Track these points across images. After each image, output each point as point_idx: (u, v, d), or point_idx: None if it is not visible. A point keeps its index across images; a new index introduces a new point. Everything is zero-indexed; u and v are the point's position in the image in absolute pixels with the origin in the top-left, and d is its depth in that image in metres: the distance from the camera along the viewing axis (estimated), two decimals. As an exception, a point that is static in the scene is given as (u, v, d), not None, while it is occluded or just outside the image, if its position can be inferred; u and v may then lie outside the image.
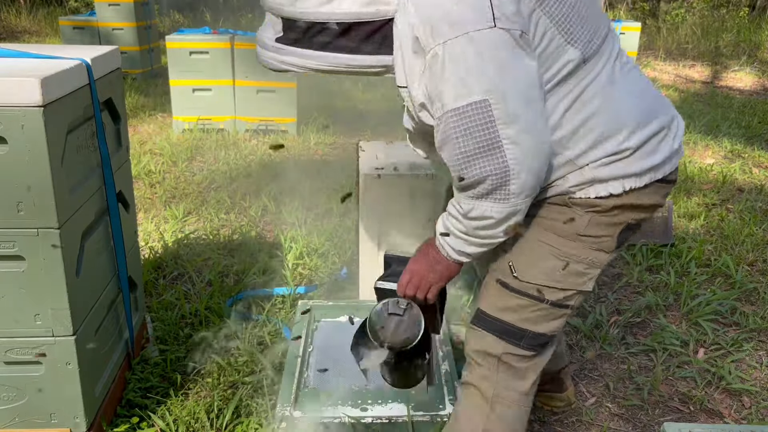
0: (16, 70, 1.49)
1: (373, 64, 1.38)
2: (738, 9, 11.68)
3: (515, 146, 1.25)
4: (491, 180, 1.27)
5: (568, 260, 1.43)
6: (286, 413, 1.74)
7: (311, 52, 1.38)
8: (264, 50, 1.43)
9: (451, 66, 1.24)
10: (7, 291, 1.55)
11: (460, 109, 1.25)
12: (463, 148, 1.27)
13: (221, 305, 2.52)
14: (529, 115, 1.26)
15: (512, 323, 1.48)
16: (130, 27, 7.03)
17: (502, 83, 1.23)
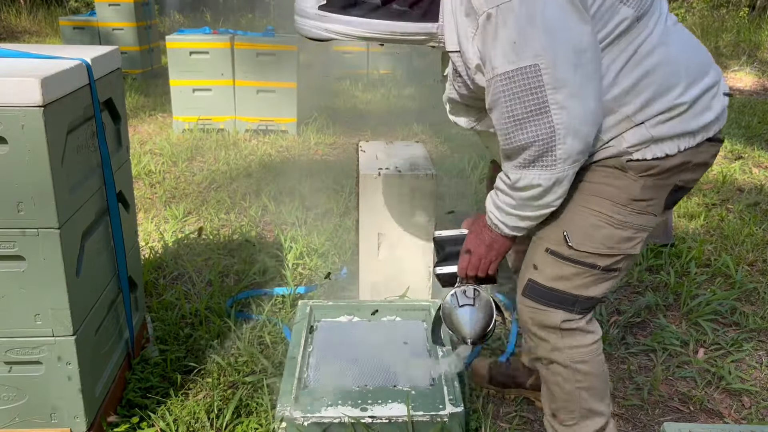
0: (16, 70, 1.49)
1: (418, 31, 1.38)
2: (738, 9, 11.68)
3: (563, 111, 1.26)
4: (537, 145, 1.29)
5: (620, 226, 1.45)
6: (286, 413, 1.74)
7: (357, 19, 1.37)
8: (305, 19, 1.41)
9: (503, 29, 1.25)
10: (7, 291, 1.55)
11: (510, 73, 1.26)
12: (511, 112, 1.29)
13: (221, 305, 2.52)
14: (578, 79, 1.27)
15: (565, 290, 1.50)
16: (130, 27, 7.04)
17: (553, 48, 1.24)
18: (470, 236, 1.58)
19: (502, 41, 1.26)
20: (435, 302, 2.32)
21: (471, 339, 1.60)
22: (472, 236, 1.57)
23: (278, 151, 4.82)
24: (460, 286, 1.63)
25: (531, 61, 1.24)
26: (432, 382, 1.93)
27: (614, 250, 1.48)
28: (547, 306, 1.52)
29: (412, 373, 1.97)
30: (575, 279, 1.49)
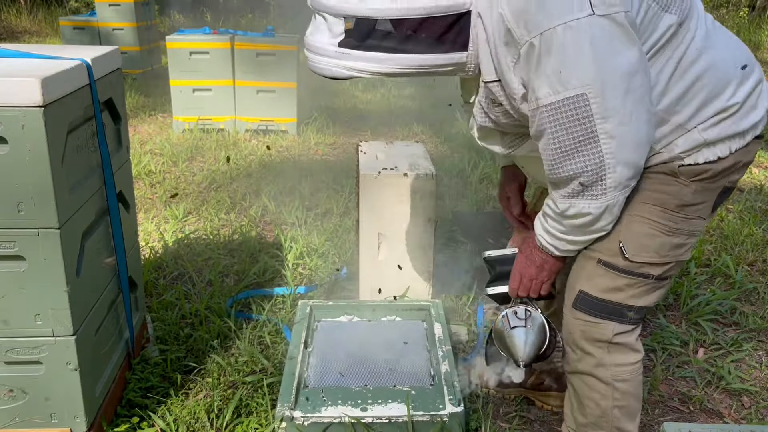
0: (16, 70, 1.49)
1: (446, 62, 1.32)
2: (738, 9, 11.68)
3: (612, 140, 1.23)
4: (586, 176, 1.26)
5: (672, 234, 1.42)
6: (286, 413, 1.74)
7: (382, 55, 1.28)
8: (323, 57, 1.32)
9: (547, 58, 1.20)
10: (7, 291, 1.55)
11: (557, 103, 1.22)
12: (559, 142, 1.26)
13: (221, 305, 2.52)
14: (628, 106, 1.22)
15: (619, 302, 1.46)
16: (131, 27, 7.03)
17: (600, 75, 1.19)
18: (520, 257, 1.55)
19: (547, 71, 1.21)
20: (435, 302, 2.33)
21: (523, 361, 1.57)
22: (522, 257, 1.54)
23: (278, 151, 4.82)
24: (511, 307, 1.61)
25: (578, 90, 1.20)
26: (432, 382, 1.94)
27: (667, 258, 1.44)
28: (600, 318, 1.48)
29: (412, 373, 1.97)
30: (628, 290, 1.45)
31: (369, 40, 1.28)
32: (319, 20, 1.32)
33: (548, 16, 1.19)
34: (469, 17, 1.28)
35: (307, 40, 1.36)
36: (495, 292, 1.66)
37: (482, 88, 1.40)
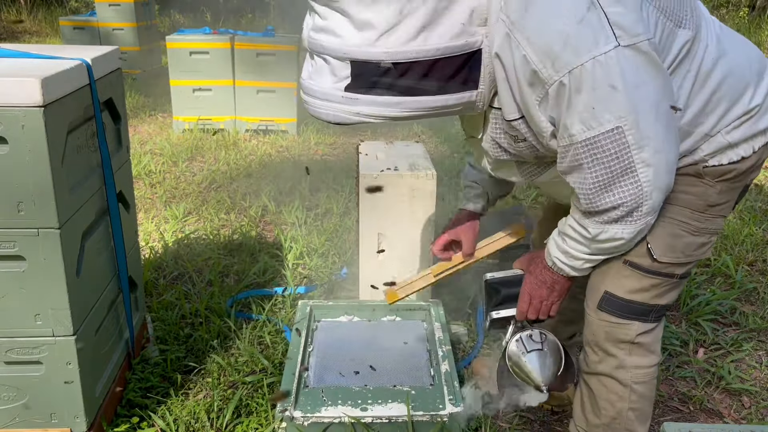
0: (16, 70, 1.49)
1: (457, 102, 1.28)
2: (738, 9, 11.67)
3: (649, 168, 1.22)
4: (625, 206, 1.26)
5: (697, 233, 1.42)
6: (286, 413, 1.74)
7: (392, 99, 1.22)
8: (326, 102, 1.26)
9: (578, 95, 1.18)
10: (7, 291, 1.55)
11: (592, 139, 1.20)
12: (596, 177, 1.25)
13: (221, 305, 2.52)
14: (660, 131, 1.22)
15: (643, 302, 1.46)
16: (131, 27, 7.03)
17: (633, 106, 1.18)
18: (528, 279, 1.53)
19: (579, 108, 1.19)
20: (435, 302, 2.33)
21: (546, 386, 1.55)
22: (531, 279, 1.52)
23: (278, 151, 4.82)
24: (521, 330, 1.59)
25: (613, 124, 1.18)
26: (432, 382, 1.94)
27: (691, 258, 1.45)
28: (625, 319, 1.48)
29: (412, 373, 1.97)
30: (653, 290, 1.45)
31: (378, 83, 1.21)
32: (319, 62, 1.25)
33: (575, 53, 1.16)
34: (480, 55, 1.25)
35: (306, 83, 1.28)
36: (502, 316, 1.62)
37: (499, 125, 1.38)
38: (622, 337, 1.49)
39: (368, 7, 1.16)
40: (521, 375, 1.59)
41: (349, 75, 1.21)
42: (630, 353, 1.50)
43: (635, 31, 1.18)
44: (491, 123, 1.40)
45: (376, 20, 1.16)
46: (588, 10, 1.17)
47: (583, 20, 1.16)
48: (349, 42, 1.19)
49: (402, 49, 1.18)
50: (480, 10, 1.22)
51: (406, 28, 1.17)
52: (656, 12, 1.26)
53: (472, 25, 1.21)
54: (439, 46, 1.20)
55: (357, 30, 1.18)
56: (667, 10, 1.27)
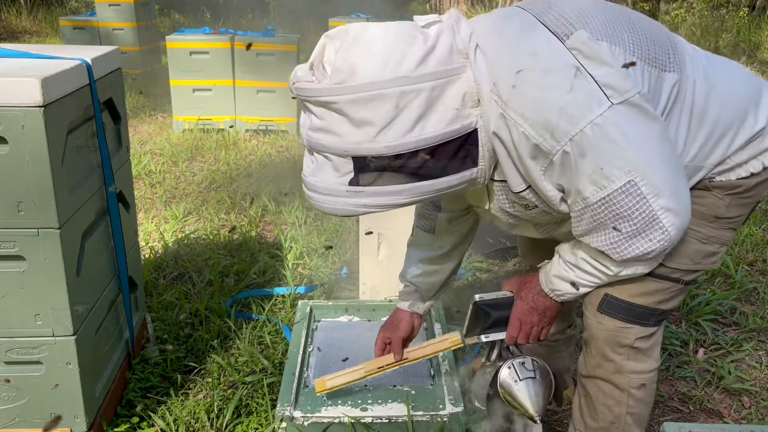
0: (16, 70, 1.49)
1: (460, 182, 1.30)
2: (738, 9, 11.67)
3: (670, 213, 1.23)
4: (654, 253, 1.27)
5: (707, 241, 1.43)
6: (286, 413, 1.74)
7: (396, 187, 1.25)
8: (332, 197, 1.27)
9: (583, 159, 1.20)
10: (7, 291, 1.55)
11: (607, 198, 1.22)
12: (621, 233, 1.26)
13: (221, 305, 2.52)
14: (670, 175, 1.24)
15: (645, 305, 1.46)
16: (131, 27, 7.04)
17: (639, 158, 1.20)
18: (519, 304, 1.53)
19: (587, 171, 1.21)
20: (435, 302, 2.32)
21: (539, 416, 1.54)
22: (522, 304, 1.52)
23: (278, 151, 4.82)
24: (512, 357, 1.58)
25: (625, 179, 1.20)
26: (432, 382, 1.94)
27: (699, 266, 1.45)
28: (625, 322, 1.47)
29: (412, 373, 1.97)
30: (657, 294, 1.45)
31: (382, 175, 1.24)
32: (320, 159, 1.27)
33: (572, 121, 1.19)
34: (477, 134, 1.27)
35: (309, 180, 1.29)
36: (491, 339, 1.61)
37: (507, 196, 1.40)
38: (621, 341, 1.48)
39: (365, 106, 1.18)
40: (513, 403, 1.57)
41: (351, 170, 1.24)
42: (628, 358, 1.49)
43: (624, 87, 1.20)
44: (496, 194, 1.42)
45: (374, 117, 1.19)
46: (576, 77, 1.20)
47: (572, 88, 1.19)
48: (350, 140, 1.21)
49: (401, 141, 1.21)
50: (471, 93, 1.24)
51: (403, 121, 1.20)
52: (641, 63, 1.28)
53: (465, 108, 1.24)
54: (437, 133, 1.22)
55: (356, 128, 1.20)
56: (650, 58, 1.29)
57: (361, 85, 1.18)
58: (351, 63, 1.19)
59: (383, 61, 1.19)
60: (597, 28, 1.28)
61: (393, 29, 1.25)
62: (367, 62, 1.19)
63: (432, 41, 1.23)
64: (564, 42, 1.24)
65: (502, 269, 2.90)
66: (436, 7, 13.20)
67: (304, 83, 1.24)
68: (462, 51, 1.25)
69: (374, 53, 1.20)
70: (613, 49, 1.26)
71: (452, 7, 12.71)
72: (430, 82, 1.20)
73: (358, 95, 1.18)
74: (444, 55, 1.23)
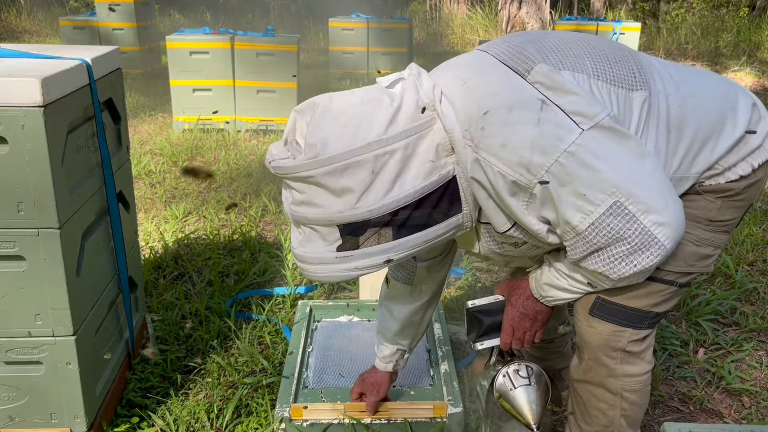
0: (16, 70, 1.49)
1: (447, 229, 1.32)
2: (738, 9, 11.68)
3: (664, 226, 1.23)
4: (652, 267, 1.28)
5: (701, 244, 1.42)
6: (285, 413, 1.74)
7: (385, 245, 1.27)
8: (323, 266, 1.29)
9: (563, 189, 1.21)
10: (7, 291, 1.55)
11: (596, 222, 1.22)
12: (615, 255, 1.26)
13: (221, 305, 2.52)
14: (656, 188, 1.24)
15: (638, 308, 1.45)
16: (130, 27, 7.04)
17: (620, 178, 1.20)
18: (510, 310, 1.52)
19: (570, 199, 1.22)
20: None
21: (536, 424, 1.54)
22: (513, 311, 1.52)
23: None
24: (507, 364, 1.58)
25: (609, 201, 1.20)
26: (432, 382, 1.94)
27: (693, 268, 1.44)
28: (617, 325, 1.46)
29: (412, 373, 1.97)
30: (650, 297, 1.44)
31: (368, 236, 1.26)
32: (306, 231, 1.29)
33: (545, 154, 1.20)
34: (456, 181, 1.29)
35: (299, 252, 1.31)
36: (485, 347, 1.59)
37: (494, 236, 1.41)
38: (614, 344, 1.47)
39: (341, 175, 1.21)
40: (511, 411, 1.57)
41: (338, 237, 1.26)
42: (621, 362, 1.49)
43: (593, 111, 1.22)
44: (484, 236, 1.43)
45: (352, 184, 1.21)
46: (542, 110, 1.22)
47: (540, 121, 1.21)
48: (331, 210, 1.23)
49: (382, 203, 1.22)
50: (444, 142, 1.26)
51: (382, 183, 1.22)
52: (606, 85, 1.29)
53: (440, 158, 1.26)
54: (415, 188, 1.24)
55: (336, 197, 1.22)
56: (615, 79, 1.31)
57: (335, 156, 1.20)
58: (322, 136, 1.21)
59: (353, 129, 1.22)
60: (557, 58, 1.30)
61: (358, 96, 1.29)
62: (337, 132, 1.21)
63: (398, 101, 1.25)
64: (525, 77, 1.26)
65: (502, 270, 2.90)
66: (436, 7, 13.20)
67: (280, 161, 1.26)
68: (428, 104, 1.27)
69: (343, 123, 1.22)
70: (576, 76, 1.28)
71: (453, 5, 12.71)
72: (403, 141, 1.23)
73: (333, 166, 1.20)
74: (411, 111, 1.25)
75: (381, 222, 1.25)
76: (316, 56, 8.61)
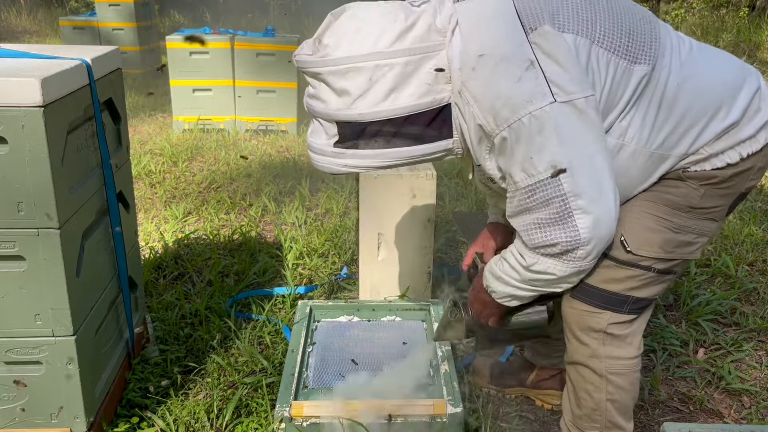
0: (16, 70, 1.49)
1: (435, 150, 1.40)
2: (738, 9, 11.67)
3: (586, 216, 1.28)
4: (561, 246, 1.32)
5: (679, 231, 1.44)
6: (285, 413, 1.74)
7: (373, 152, 1.37)
8: (322, 156, 1.43)
9: (518, 146, 1.28)
10: (7, 291, 1.55)
11: (532, 186, 1.30)
12: (536, 219, 1.32)
13: (221, 305, 2.52)
14: (597, 181, 1.29)
15: (616, 292, 1.48)
16: (131, 27, 7.03)
17: (567, 157, 1.26)
18: (471, 290, 1.63)
19: (519, 158, 1.29)
20: (435, 302, 2.33)
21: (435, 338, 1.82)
22: (473, 291, 1.62)
23: (278, 151, 4.82)
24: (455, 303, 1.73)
25: (550, 172, 1.27)
26: (432, 383, 1.94)
27: (673, 255, 1.46)
28: (595, 307, 1.50)
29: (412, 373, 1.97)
30: (628, 281, 1.47)
31: (361, 139, 1.36)
32: (316, 123, 1.43)
33: (513, 110, 1.27)
34: (450, 108, 1.36)
35: (309, 140, 1.46)
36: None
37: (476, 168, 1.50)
38: (593, 325, 1.51)
39: (343, 77, 1.32)
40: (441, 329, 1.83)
41: (336, 133, 1.38)
42: (603, 343, 1.52)
43: (571, 89, 1.26)
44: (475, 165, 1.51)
45: (350, 87, 1.32)
46: (527, 69, 1.27)
47: (521, 79, 1.27)
48: (332, 106, 1.36)
49: (374, 110, 1.33)
50: (445, 70, 1.34)
51: (376, 92, 1.32)
52: (607, 54, 1.32)
53: (438, 83, 1.34)
54: (408, 104, 1.34)
55: (337, 96, 1.35)
56: (620, 50, 1.33)
57: (340, 58, 1.31)
58: (336, 39, 1.32)
59: (363, 36, 1.31)
60: (566, 19, 1.32)
61: (383, 8, 1.36)
62: (348, 38, 1.31)
63: (412, 20, 1.32)
64: (528, 35, 1.31)
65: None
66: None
67: (302, 55, 1.37)
68: (441, 30, 1.34)
69: (356, 29, 1.32)
70: (578, 40, 1.31)
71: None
72: (404, 58, 1.31)
73: (337, 68, 1.31)
74: (421, 33, 1.32)
75: (374, 129, 1.35)
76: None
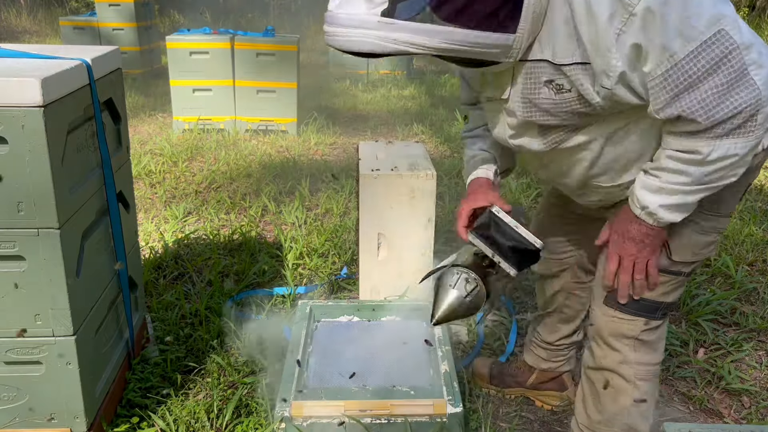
0: (16, 70, 1.49)
1: (494, 43, 1.21)
2: (738, 9, 11.67)
3: (761, 69, 1.17)
4: (745, 113, 1.19)
5: (704, 232, 1.43)
6: (285, 413, 1.74)
7: (432, 27, 1.15)
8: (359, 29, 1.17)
9: (669, 8, 1.14)
10: (7, 291, 1.55)
11: (698, 48, 1.15)
12: (711, 89, 1.18)
13: (221, 305, 2.52)
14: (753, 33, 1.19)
15: (652, 299, 1.46)
16: (131, 27, 7.04)
17: (727, 8, 1.16)
18: (612, 238, 1.44)
19: (674, 22, 1.14)
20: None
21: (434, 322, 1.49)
22: (615, 237, 1.43)
23: (278, 151, 4.82)
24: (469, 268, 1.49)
25: (715, 28, 1.14)
26: (432, 382, 1.93)
27: (699, 256, 1.46)
28: (631, 315, 1.48)
29: (412, 373, 1.97)
30: (661, 287, 1.45)
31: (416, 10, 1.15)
32: None
33: None
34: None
35: (335, 13, 1.18)
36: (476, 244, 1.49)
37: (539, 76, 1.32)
38: (627, 332, 1.50)
39: None
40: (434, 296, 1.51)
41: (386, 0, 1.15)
42: (634, 349, 1.51)
43: None
44: (523, 78, 1.33)
45: None
46: None
47: None
48: None
49: None
50: None
51: None
52: None
53: None
54: None
55: None
56: None
57: None
58: None
59: None
60: None
61: None
62: None
63: None
64: None
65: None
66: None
67: None
68: None
69: None
70: None
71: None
72: None
73: None
74: None
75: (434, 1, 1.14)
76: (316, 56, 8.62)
